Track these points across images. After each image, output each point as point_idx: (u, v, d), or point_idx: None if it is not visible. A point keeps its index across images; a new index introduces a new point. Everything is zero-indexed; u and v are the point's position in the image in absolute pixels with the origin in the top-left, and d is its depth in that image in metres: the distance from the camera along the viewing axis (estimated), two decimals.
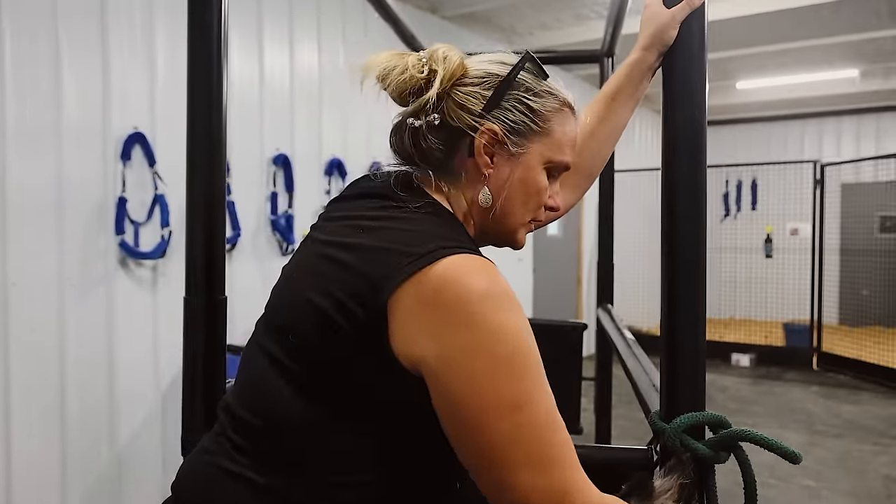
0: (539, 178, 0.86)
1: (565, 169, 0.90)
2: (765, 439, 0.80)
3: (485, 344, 0.69)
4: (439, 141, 0.83)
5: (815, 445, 4.28)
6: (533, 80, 0.86)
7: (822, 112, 8.76)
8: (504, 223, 0.87)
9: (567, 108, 0.88)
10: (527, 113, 0.84)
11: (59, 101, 2.70)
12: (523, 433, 0.69)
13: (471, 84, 0.83)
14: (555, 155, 0.86)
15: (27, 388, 2.60)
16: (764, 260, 7.70)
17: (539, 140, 0.85)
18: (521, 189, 0.85)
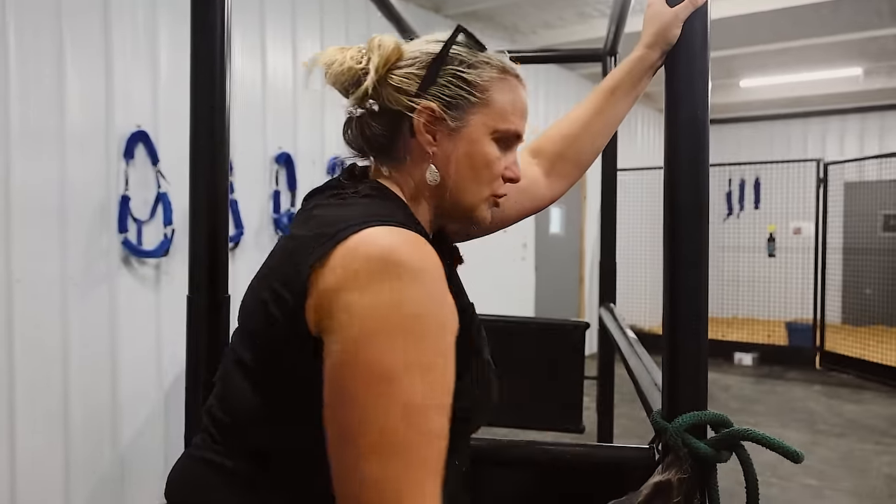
0: (487, 150, 0.84)
1: (517, 138, 0.88)
2: (767, 438, 0.80)
3: (371, 309, 0.65)
4: (381, 127, 0.84)
5: (818, 444, 4.28)
6: (467, 52, 0.85)
7: (825, 111, 8.74)
8: (460, 200, 0.85)
9: (508, 76, 0.86)
10: (462, 86, 0.83)
11: (62, 99, 2.71)
12: (381, 409, 0.63)
13: (406, 66, 0.84)
14: (499, 124, 0.85)
15: (31, 387, 2.61)
16: (767, 259, 7.69)
17: (479, 111, 0.84)
18: (468, 163, 0.84)
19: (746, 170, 8.00)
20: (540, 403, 2.35)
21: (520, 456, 1.05)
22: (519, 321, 2.50)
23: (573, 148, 1.08)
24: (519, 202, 1.07)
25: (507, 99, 0.85)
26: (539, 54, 2.75)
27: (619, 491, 0.91)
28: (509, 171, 0.88)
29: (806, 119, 8.96)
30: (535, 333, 2.38)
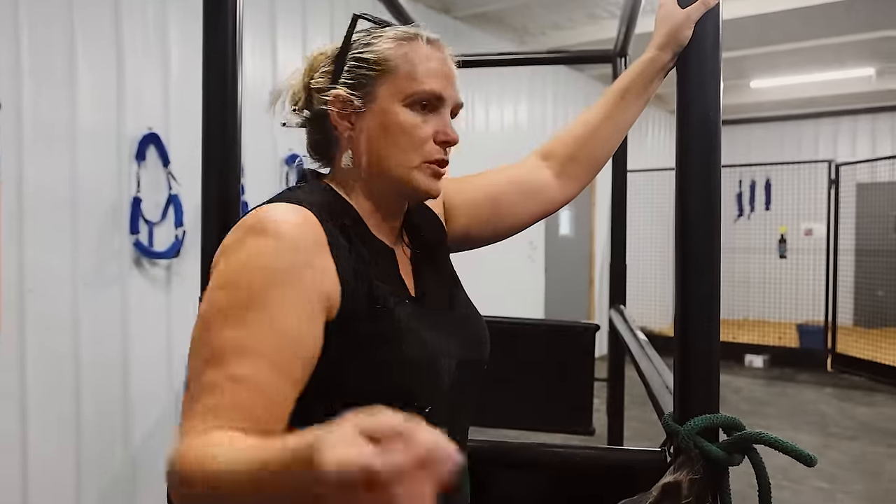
0: (401, 118, 0.84)
1: (438, 99, 0.86)
2: (779, 442, 0.79)
3: (221, 267, 0.73)
4: (315, 129, 0.90)
5: (829, 447, 4.25)
6: (366, 34, 0.88)
7: (837, 111, 8.67)
8: (391, 174, 0.85)
9: (412, 41, 0.86)
10: (362, 65, 0.85)
11: (74, 102, 2.73)
12: (196, 351, 0.70)
13: (322, 67, 0.88)
14: (408, 87, 0.84)
15: (43, 387, 2.63)
16: (778, 260, 7.64)
17: (384, 82, 0.84)
18: (385, 134, 0.84)
19: (757, 171, 7.95)
20: (550, 406, 2.35)
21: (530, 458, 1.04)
22: (529, 323, 2.49)
23: (584, 150, 1.07)
24: (530, 205, 1.07)
25: (410, 62, 0.85)
26: (549, 55, 2.74)
27: (630, 494, 0.91)
28: (441, 135, 0.86)
29: (817, 120, 8.90)
30: (545, 335, 2.37)
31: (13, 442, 2.55)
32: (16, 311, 2.56)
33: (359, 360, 0.76)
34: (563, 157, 1.09)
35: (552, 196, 1.09)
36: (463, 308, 0.95)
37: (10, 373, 2.55)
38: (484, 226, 1.05)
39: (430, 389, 0.81)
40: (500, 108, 5.64)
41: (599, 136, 1.07)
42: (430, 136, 0.85)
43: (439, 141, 0.86)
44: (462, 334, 0.90)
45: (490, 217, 1.04)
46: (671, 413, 0.90)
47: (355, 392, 0.76)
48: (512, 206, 1.05)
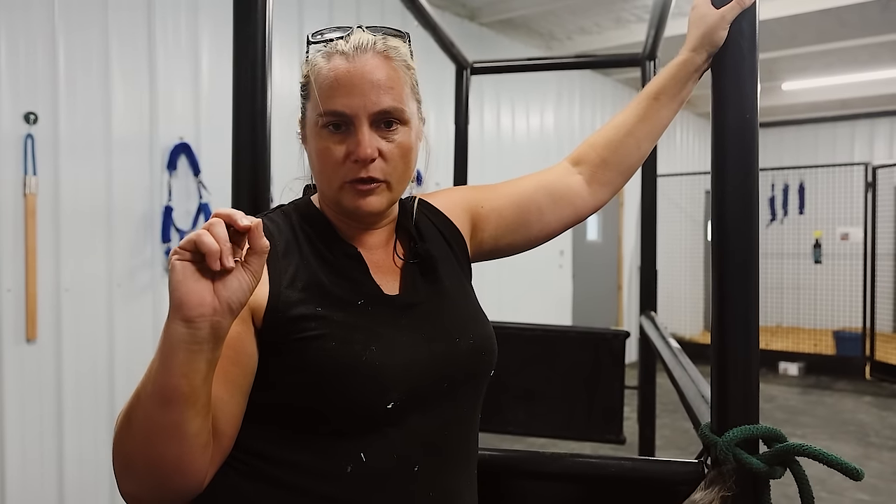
0: (317, 143, 0.83)
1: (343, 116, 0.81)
2: (824, 454, 0.77)
3: None
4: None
5: (870, 458, 4.12)
6: (314, 51, 0.85)
7: (874, 112, 8.47)
8: (324, 195, 0.89)
9: (328, 56, 0.82)
10: (301, 89, 0.88)
11: (108, 112, 2.79)
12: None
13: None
14: (318, 108, 0.82)
15: (77, 393, 2.68)
16: (813, 266, 7.47)
17: (309, 104, 0.86)
18: (313, 159, 0.87)
19: (790, 174, 7.81)
20: (579, 414, 2.32)
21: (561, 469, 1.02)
22: (558, 329, 2.46)
23: (617, 155, 1.05)
24: (560, 212, 1.05)
25: (318, 81, 0.82)
26: (577, 60, 2.72)
27: None
28: (355, 154, 0.80)
29: (853, 121, 8.70)
30: (575, 342, 2.34)
31: (50, 448, 2.60)
32: (52, 320, 2.61)
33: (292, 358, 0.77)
34: (594, 162, 1.06)
35: (583, 202, 1.07)
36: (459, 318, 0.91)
37: (47, 379, 2.60)
38: (513, 234, 1.03)
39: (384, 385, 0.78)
40: (527, 114, 5.62)
41: (632, 139, 1.05)
42: (343, 156, 0.81)
43: (353, 159, 0.81)
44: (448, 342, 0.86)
45: (518, 225, 1.03)
46: (708, 423, 0.88)
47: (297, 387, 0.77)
48: (541, 213, 1.03)
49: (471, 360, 0.88)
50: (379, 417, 0.78)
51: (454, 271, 0.96)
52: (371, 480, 0.78)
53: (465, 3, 4.85)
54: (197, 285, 0.62)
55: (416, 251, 0.91)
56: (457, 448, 0.87)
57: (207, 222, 0.63)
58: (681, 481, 0.93)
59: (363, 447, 0.77)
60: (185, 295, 0.61)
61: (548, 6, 4.93)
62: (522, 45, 5.70)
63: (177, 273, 0.61)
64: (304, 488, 0.77)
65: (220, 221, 0.63)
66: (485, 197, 1.02)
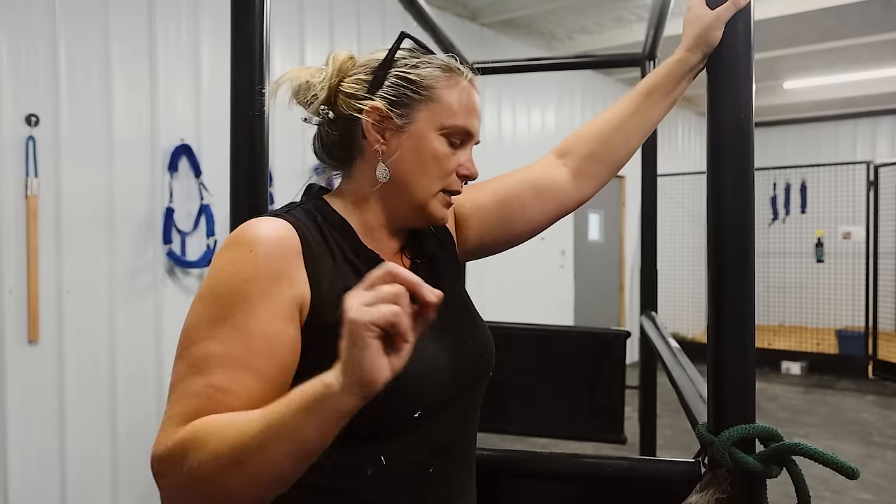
0: (434, 145, 0.86)
1: (469, 136, 0.89)
2: (820, 453, 0.76)
3: (205, 280, 0.77)
4: (337, 133, 0.89)
5: (873, 457, 4.12)
6: (411, 55, 0.89)
7: (876, 111, 8.46)
8: (410, 196, 0.87)
9: (454, 75, 0.88)
10: (407, 85, 0.86)
11: (109, 114, 2.80)
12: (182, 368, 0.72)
13: (356, 73, 0.88)
14: (445, 120, 0.86)
15: (79, 395, 2.69)
16: (815, 265, 7.46)
17: (425, 108, 0.86)
18: (417, 158, 0.86)
19: (792, 173, 7.79)
20: (580, 414, 2.32)
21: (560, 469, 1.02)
22: (559, 329, 2.47)
23: (605, 148, 1.05)
24: (544, 205, 1.04)
25: (452, 96, 0.87)
26: (577, 60, 2.72)
27: None
28: (464, 169, 0.89)
29: (855, 120, 8.68)
30: (575, 342, 2.35)
31: (52, 450, 2.61)
32: (54, 321, 2.62)
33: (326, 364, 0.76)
34: (580, 155, 1.05)
35: (567, 195, 1.05)
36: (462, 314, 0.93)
37: (49, 381, 2.61)
38: (496, 230, 1.03)
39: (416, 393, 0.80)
40: (528, 114, 5.63)
41: (620, 134, 1.04)
42: (454, 167, 0.88)
43: (461, 174, 0.89)
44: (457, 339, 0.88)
45: (501, 221, 1.02)
46: (705, 423, 0.88)
47: None
48: (524, 208, 1.02)
49: (477, 363, 0.90)
50: (404, 426, 0.80)
51: (452, 272, 0.97)
52: (390, 482, 0.79)
53: (465, 4, 4.85)
54: (381, 360, 0.60)
55: (421, 253, 0.93)
56: (463, 448, 0.90)
57: (390, 290, 0.60)
58: (678, 481, 0.93)
59: (383, 451, 0.79)
60: (372, 372, 0.60)
61: (548, 6, 4.93)
62: (523, 45, 5.70)
63: (370, 352, 0.59)
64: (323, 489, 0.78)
65: (405, 293, 0.60)
66: (466, 196, 1.02)
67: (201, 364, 0.71)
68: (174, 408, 0.71)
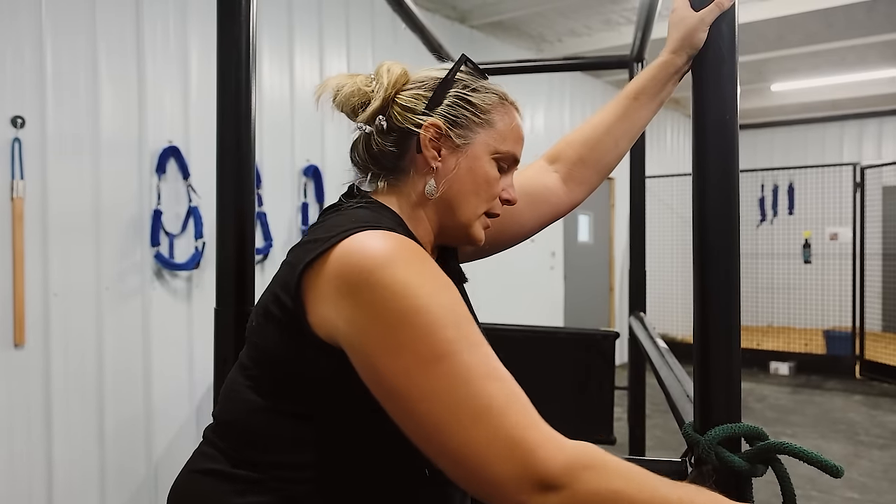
0: (487, 168, 0.89)
1: (515, 162, 0.93)
2: (804, 452, 0.77)
3: (390, 303, 0.68)
4: (389, 143, 0.88)
5: (860, 457, 4.15)
6: (470, 78, 0.91)
7: (862, 113, 8.54)
8: (458, 215, 0.89)
9: (507, 103, 0.93)
10: (467, 106, 0.88)
11: (96, 116, 2.78)
12: (449, 385, 0.66)
13: (413, 88, 0.89)
14: (500, 145, 0.90)
15: (66, 397, 2.67)
16: (802, 266, 7.52)
17: (482, 131, 0.89)
18: (470, 179, 0.88)
19: (779, 175, 7.85)
20: (570, 414, 2.32)
21: None
22: (548, 331, 2.47)
23: (594, 153, 1.07)
24: (536, 210, 1.06)
25: (506, 123, 0.91)
26: (565, 62, 2.74)
27: None
28: (506, 193, 0.92)
29: (841, 122, 8.77)
30: (564, 343, 2.35)
31: (39, 452, 2.58)
32: (40, 325, 2.60)
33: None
34: (571, 160, 1.08)
35: (559, 200, 1.08)
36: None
37: (35, 384, 2.58)
38: (491, 235, 1.04)
39: None
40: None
41: (610, 138, 1.07)
42: (499, 191, 0.91)
43: (503, 199, 0.92)
44: None
45: (495, 226, 1.04)
46: (692, 422, 0.88)
47: None
48: (517, 213, 1.05)
49: None
50: None
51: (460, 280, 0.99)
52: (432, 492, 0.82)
53: (455, 6, 4.86)
54: None
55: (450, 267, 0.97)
56: None
57: None
58: None
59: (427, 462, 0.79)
60: None
61: (537, 8, 4.95)
62: (513, 47, 5.72)
63: None
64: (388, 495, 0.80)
65: None
66: None
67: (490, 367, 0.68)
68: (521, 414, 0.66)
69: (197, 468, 0.83)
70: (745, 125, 9.11)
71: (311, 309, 0.74)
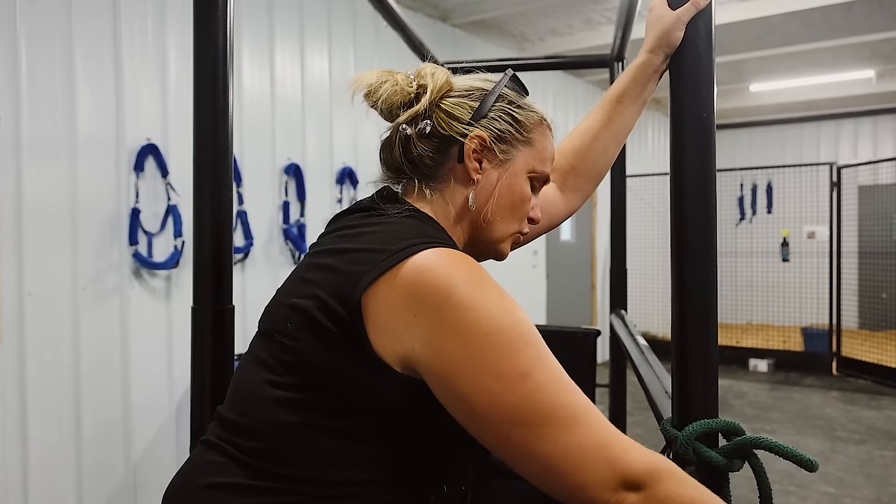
0: (524, 187, 0.90)
1: (545, 182, 0.94)
2: (779, 446, 0.78)
3: (470, 324, 0.69)
4: (429, 149, 0.87)
5: (836, 452, 4.21)
6: (516, 94, 0.91)
7: (838, 114, 8.67)
8: (492, 231, 0.89)
9: (545, 123, 0.93)
10: (512, 123, 0.88)
11: (72, 113, 2.74)
12: (536, 399, 0.68)
13: (458, 96, 0.88)
14: (538, 165, 0.90)
15: (43, 398, 2.62)
16: (781, 264, 7.61)
17: (524, 149, 0.89)
18: (509, 195, 0.88)
19: (758, 174, 7.94)
20: None
21: None
22: None
23: (586, 161, 1.08)
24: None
25: (544, 144, 0.91)
26: (546, 61, 2.74)
27: None
28: (534, 212, 0.93)
29: (818, 122, 8.89)
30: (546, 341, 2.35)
31: (14, 454, 2.54)
32: (15, 324, 2.55)
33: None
34: (564, 170, 1.10)
35: (557, 210, 1.10)
36: None
37: (11, 385, 2.54)
38: None
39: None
40: None
41: (598, 144, 1.08)
42: (530, 210, 0.92)
43: (530, 218, 0.93)
44: None
45: None
46: (670, 419, 0.89)
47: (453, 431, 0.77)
48: None
49: None
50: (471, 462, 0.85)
51: None
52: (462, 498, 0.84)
53: (437, 5, 4.85)
54: None
55: None
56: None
57: None
58: None
59: (446, 479, 0.81)
60: None
61: (519, 8, 4.96)
62: (495, 46, 5.72)
63: None
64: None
65: None
66: None
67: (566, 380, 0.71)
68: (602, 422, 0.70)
69: (209, 482, 0.77)
70: (724, 125, 9.20)
71: (374, 327, 0.72)
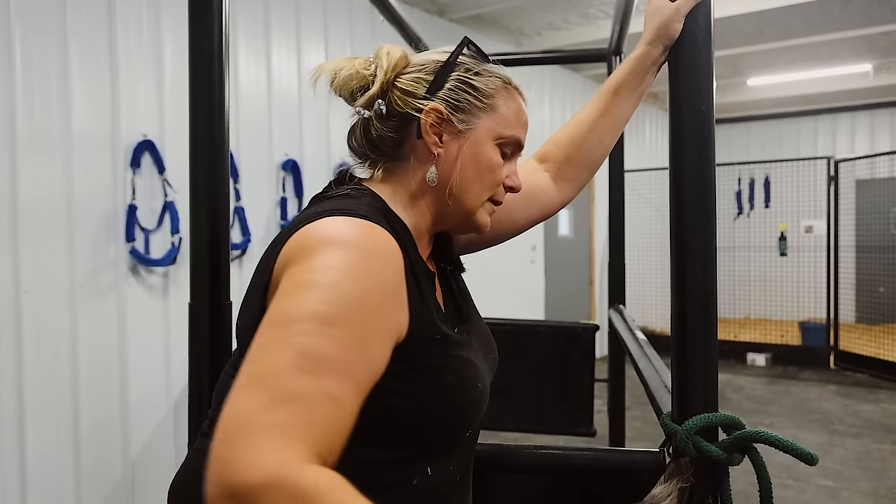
0: (491, 154, 0.87)
1: (519, 147, 0.91)
2: (779, 440, 0.78)
3: (303, 271, 0.67)
4: (389, 129, 0.86)
5: (834, 445, 4.22)
6: (473, 62, 0.88)
7: (835, 108, 8.67)
8: (461, 203, 0.87)
9: (511, 87, 0.90)
10: (469, 90, 0.86)
11: (68, 110, 2.72)
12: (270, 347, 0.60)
13: (414, 72, 0.87)
14: (503, 130, 0.87)
15: (40, 396, 2.62)
16: (778, 258, 7.62)
17: (485, 116, 0.86)
18: (473, 165, 0.86)
19: (756, 169, 7.95)
20: (550, 407, 2.33)
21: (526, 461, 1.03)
22: (529, 324, 2.47)
23: (581, 151, 1.08)
24: (528, 209, 1.07)
25: (510, 108, 0.88)
26: (543, 55, 2.73)
27: (631, 495, 0.90)
28: (510, 180, 0.90)
29: (816, 117, 8.89)
30: (545, 336, 2.36)
31: (12, 452, 2.54)
32: (12, 322, 2.54)
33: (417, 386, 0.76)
34: (559, 160, 1.09)
35: (550, 199, 1.09)
36: (479, 322, 0.96)
37: (8, 383, 2.53)
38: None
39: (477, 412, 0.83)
40: None
41: (594, 135, 1.07)
42: (503, 178, 0.89)
43: (507, 185, 0.90)
44: (485, 349, 0.92)
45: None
46: (670, 413, 0.89)
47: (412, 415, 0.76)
48: (511, 212, 1.05)
49: (494, 369, 0.95)
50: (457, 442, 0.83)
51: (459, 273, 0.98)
52: (430, 491, 0.81)
53: (434, 0, 4.84)
54: None
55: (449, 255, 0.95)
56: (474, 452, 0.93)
57: None
58: (643, 470, 0.94)
59: (430, 464, 0.80)
60: None
61: (516, 2, 4.95)
62: (492, 40, 5.71)
63: None
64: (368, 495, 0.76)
65: None
66: None
67: (313, 363, 0.60)
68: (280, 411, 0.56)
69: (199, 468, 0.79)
70: (721, 119, 9.20)
71: (270, 292, 0.73)
